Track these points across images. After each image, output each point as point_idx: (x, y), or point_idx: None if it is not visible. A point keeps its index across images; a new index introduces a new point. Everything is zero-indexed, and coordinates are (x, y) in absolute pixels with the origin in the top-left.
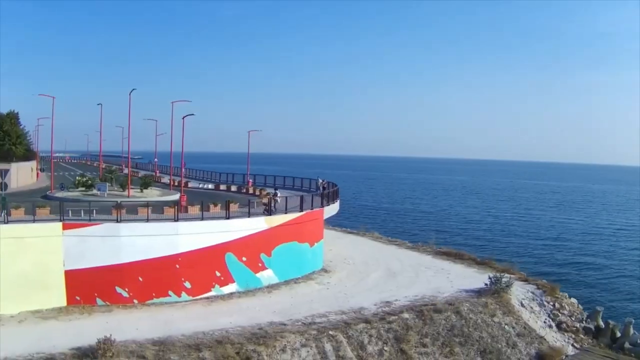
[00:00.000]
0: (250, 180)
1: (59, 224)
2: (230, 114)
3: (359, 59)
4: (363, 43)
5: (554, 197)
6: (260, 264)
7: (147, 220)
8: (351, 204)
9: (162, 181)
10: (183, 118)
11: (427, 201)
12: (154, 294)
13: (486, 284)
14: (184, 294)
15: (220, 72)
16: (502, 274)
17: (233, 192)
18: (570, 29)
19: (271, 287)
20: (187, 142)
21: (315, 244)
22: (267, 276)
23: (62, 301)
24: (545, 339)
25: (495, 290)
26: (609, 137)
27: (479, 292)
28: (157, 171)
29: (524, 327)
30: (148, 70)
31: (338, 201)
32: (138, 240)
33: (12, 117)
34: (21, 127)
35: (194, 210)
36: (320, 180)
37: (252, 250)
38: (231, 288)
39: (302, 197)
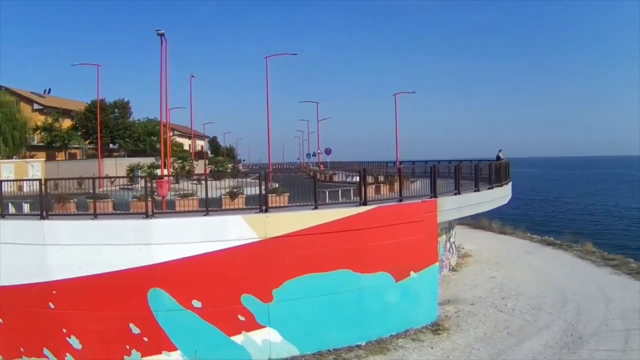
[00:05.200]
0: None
1: None
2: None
3: None
4: None
5: None
6: (242, 317)
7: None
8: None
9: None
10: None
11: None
12: (21, 349)
13: None
14: (69, 357)
15: None
16: None
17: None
18: None
19: None
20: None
21: (413, 273)
22: (262, 342)
23: None
24: None
25: None
26: None
27: None
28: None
29: None
30: None
31: (509, 184)
32: None
33: (121, 107)
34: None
35: (187, 205)
36: (501, 156)
37: (222, 286)
38: (169, 359)
39: (362, 173)
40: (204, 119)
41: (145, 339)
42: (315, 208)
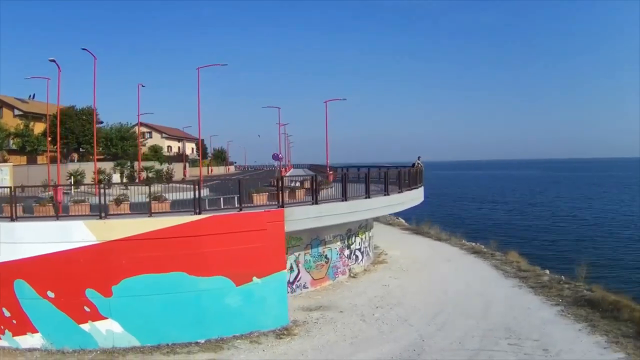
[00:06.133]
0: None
1: None
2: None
3: None
4: None
5: None
6: (88, 308)
7: None
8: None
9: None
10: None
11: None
12: None
13: None
14: None
15: None
16: None
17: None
18: None
19: (117, 354)
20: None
21: (256, 279)
22: (106, 332)
23: None
24: None
25: None
26: None
27: None
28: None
29: None
30: None
31: (419, 189)
32: None
33: (88, 114)
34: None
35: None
36: (419, 162)
37: (69, 280)
38: (33, 340)
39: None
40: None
41: (14, 321)
42: (150, 215)
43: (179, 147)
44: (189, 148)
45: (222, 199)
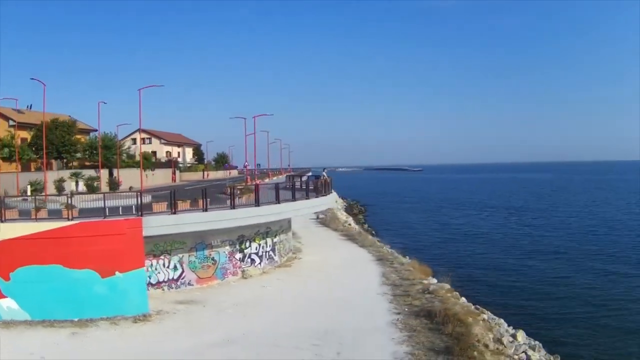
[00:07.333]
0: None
1: None
2: None
3: None
4: None
5: None
6: None
7: None
8: None
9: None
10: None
11: None
12: None
13: None
14: None
15: None
16: None
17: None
18: None
19: (12, 325)
20: None
21: (119, 273)
22: (6, 308)
23: None
24: None
25: None
26: None
27: None
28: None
29: None
30: None
31: (320, 197)
32: None
33: (68, 126)
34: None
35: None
36: (325, 174)
37: None
38: None
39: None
40: (196, 127)
41: None
42: (36, 221)
43: (178, 153)
44: (189, 153)
45: (107, 209)
